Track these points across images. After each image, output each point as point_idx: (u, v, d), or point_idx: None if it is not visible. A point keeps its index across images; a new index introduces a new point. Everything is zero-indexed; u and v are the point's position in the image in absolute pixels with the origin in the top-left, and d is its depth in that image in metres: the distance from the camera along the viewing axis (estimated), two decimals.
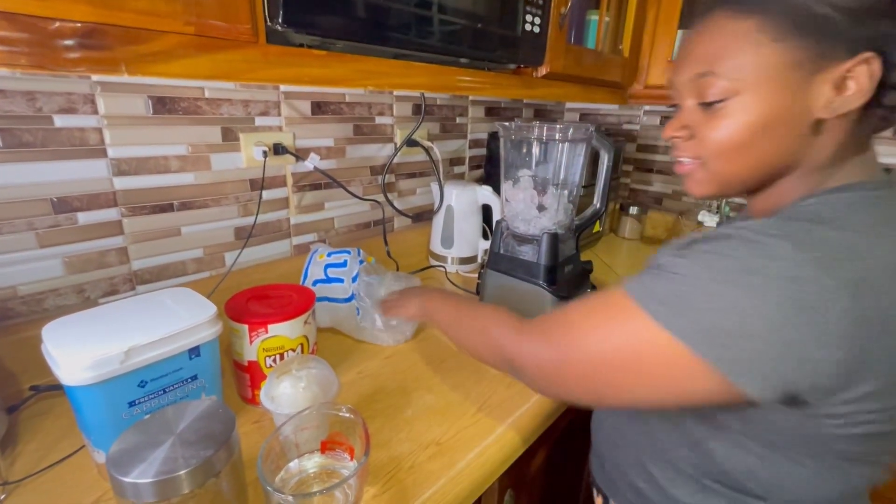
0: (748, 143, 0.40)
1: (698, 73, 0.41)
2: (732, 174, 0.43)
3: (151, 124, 0.69)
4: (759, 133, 0.39)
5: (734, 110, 0.40)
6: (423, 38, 0.59)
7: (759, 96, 0.38)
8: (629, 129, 1.46)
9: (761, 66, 0.38)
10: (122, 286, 0.71)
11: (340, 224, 1.00)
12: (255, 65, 0.44)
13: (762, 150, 0.40)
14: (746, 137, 0.40)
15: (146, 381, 0.47)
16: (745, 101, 0.39)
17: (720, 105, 0.40)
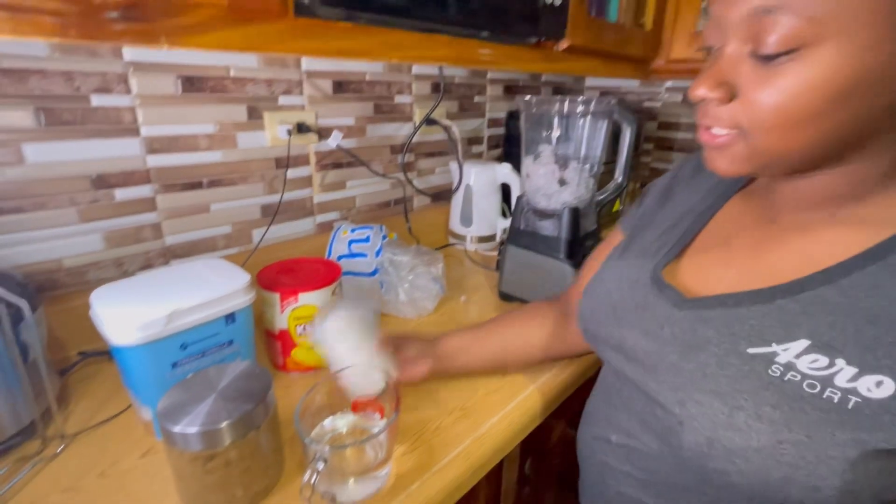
0: (818, 113, 0.29)
1: (763, 7, 0.29)
2: (782, 153, 0.32)
3: (181, 103, 0.71)
4: (837, 101, 0.28)
5: (806, 66, 0.28)
6: (445, 11, 0.60)
7: (848, 48, 0.27)
8: (650, 106, 1.43)
9: (860, 4, 0.26)
10: (156, 260, 0.74)
11: (362, 203, 1.01)
12: (284, 36, 0.45)
13: (833, 122, 0.29)
14: (818, 106, 0.29)
15: (187, 344, 0.50)
16: (824, 55, 0.27)
17: (786, 57, 0.29)
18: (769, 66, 0.30)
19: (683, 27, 1.10)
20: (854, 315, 0.30)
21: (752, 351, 0.32)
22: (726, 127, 0.33)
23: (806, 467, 0.29)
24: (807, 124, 0.30)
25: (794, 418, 0.29)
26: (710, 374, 0.34)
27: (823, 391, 0.29)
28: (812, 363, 0.30)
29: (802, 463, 0.29)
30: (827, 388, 0.29)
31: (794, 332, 0.31)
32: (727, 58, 0.32)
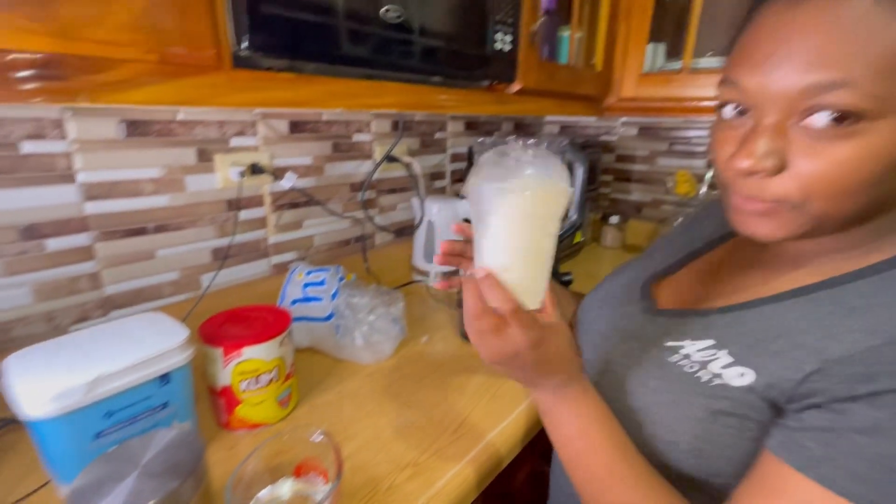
0: (872, 183, 0.30)
1: (823, 83, 0.28)
2: (834, 218, 0.32)
3: (124, 148, 0.68)
4: (891, 171, 0.29)
5: (864, 140, 0.29)
6: (394, 59, 0.60)
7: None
8: (607, 139, 1.49)
9: None
10: (94, 312, 0.70)
11: (320, 242, 0.99)
12: (221, 90, 0.44)
13: (884, 189, 0.31)
14: (874, 177, 0.29)
15: (113, 411, 0.46)
16: (882, 129, 0.28)
17: (845, 130, 0.29)
18: (822, 139, 0.30)
19: (632, 68, 1.16)
20: (757, 328, 0.38)
21: (668, 343, 0.42)
22: (772, 199, 0.33)
23: (669, 424, 0.39)
24: (861, 192, 0.31)
25: (668, 388, 0.40)
26: (630, 353, 0.44)
27: (697, 372, 0.39)
28: (704, 355, 0.39)
29: (666, 421, 0.39)
30: (701, 370, 0.39)
31: (708, 335, 0.40)
32: (772, 128, 0.32)
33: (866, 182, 0.30)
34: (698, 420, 0.37)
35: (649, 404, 0.41)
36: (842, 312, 0.34)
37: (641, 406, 0.41)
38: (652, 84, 1.14)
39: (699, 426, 0.38)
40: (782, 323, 0.37)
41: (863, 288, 0.35)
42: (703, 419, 0.37)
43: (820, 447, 0.30)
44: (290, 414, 0.63)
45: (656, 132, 1.39)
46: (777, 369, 0.35)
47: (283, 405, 0.62)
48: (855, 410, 0.30)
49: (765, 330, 0.37)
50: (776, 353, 0.35)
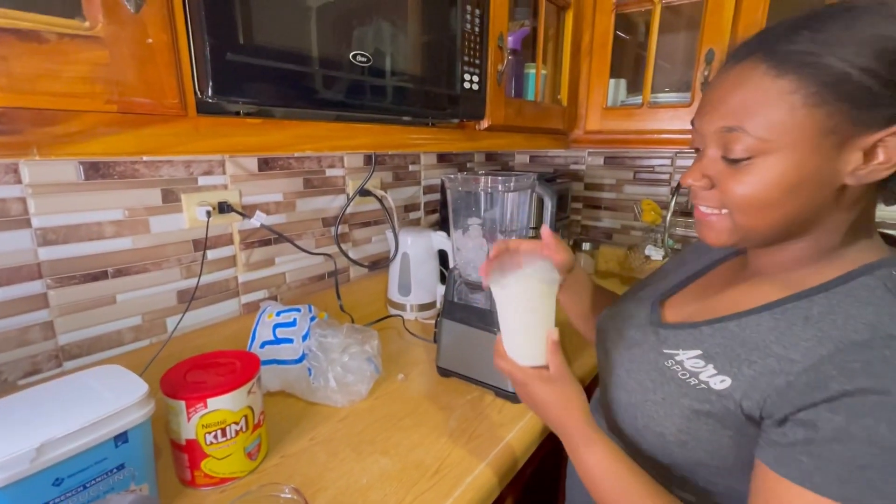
0: (774, 202, 0.40)
1: (727, 127, 0.40)
2: (755, 229, 0.42)
3: (83, 190, 0.66)
4: (786, 194, 0.39)
5: (761, 169, 0.39)
6: (364, 100, 0.61)
7: (789, 159, 0.38)
8: (576, 169, 1.53)
9: (794, 129, 0.37)
10: (46, 364, 0.66)
11: (292, 279, 0.97)
12: (184, 138, 0.44)
13: (787, 209, 0.40)
14: (773, 197, 0.39)
15: (62, 479, 0.43)
16: (773, 162, 0.38)
17: (747, 162, 0.40)
18: (736, 167, 0.41)
19: (595, 102, 1.21)
20: (736, 340, 0.43)
21: (665, 350, 0.48)
22: (714, 207, 0.44)
23: (658, 419, 0.46)
24: (769, 209, 0.40)
25: (661, 388, 0.46)
26: (634, 358, 0.51)
27: (689, 378, 0.45)
28: (694, 364, 0.45)
29: (656, 416, 0.46)
30: (692, 378, 0.44)
31: (696, 346, 0.46)
32: (708, 158, 0.43)
33: (768, 202, 0.40)
34: (684, 417, 0.44)
35: (644, 401, 0.48)
36: (801, 324, 0.40)
37: (637, 402, 0.48)
38: (615, 118, 1.19)
39: (684, 422, 0.44)
40: (756, 334, 0.42)
41: (819, 300, 0.41)
42: (687, 416, 0.44)
43: (810, 459, 0.35)
44: (260, 465, 0.60)
45: (622, 161, 1.44)
46: (752, 376, 0.41)
47: (251, 457, 0.59)
48: (821, 418, 0.35)
49: (742, 341, 0.43)
50: (751, 363, 0.41)
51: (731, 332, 0.45)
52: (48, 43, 0.35)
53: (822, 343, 0.38)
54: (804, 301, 0.41)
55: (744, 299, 0.47)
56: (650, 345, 0.50)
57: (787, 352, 0.39)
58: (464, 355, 0.80)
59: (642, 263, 1.40)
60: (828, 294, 0.41)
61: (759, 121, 0.38)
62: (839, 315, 0.39)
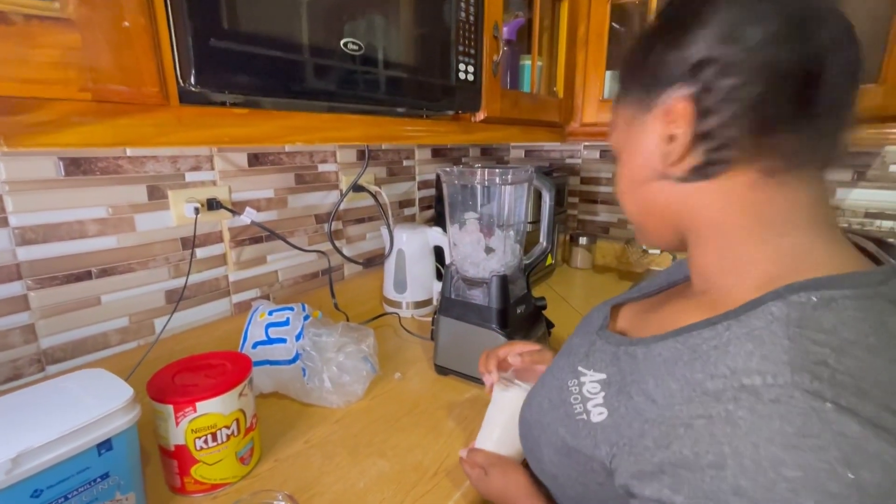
0: (624, 194, 0.42)
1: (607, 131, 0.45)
2: (635, 225, 0.43)
3: (63, 187, 0.63)
4: (628, 184, 0.41)
5: (619, 166, 0.42)
6: (356, 91, 0.59)
7: (621, 149, 0.41)
8: (572, 163, 1.52)
9: (619, 123, 0.40)
10: (27, 368, 0.63)
11: (285, 277, 0.95)
12: (166, 129, 0.41)
13: (638, 202, 0.41)
14: (622, 189, 0.42)
15: (41, 490, 0.40)
16: (621, 161, 0.42)
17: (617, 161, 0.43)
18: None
19: (592, 94, 1.19)
20: (634, 368, 0.37)
21: (579, 368, 0.43)
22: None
23: (541, 443, 0.43)
24: (625, 202, 0.42)
25: (551, 411, 0.43)
26: (553, 371, 0.47)
27: (575, 405, 0.40)
28: (591, 389, 0.40)
29: (540, 439, 0.43)
30: (579, 404, 0.40)
31: (605, 369, 0.40)
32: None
33: (620, 191, 0.42)
34: (556, 449, 0.41)
35: (535, 421, 0.45)
36: (686, 358, 0.33)
37: (531, 420, 0.46)
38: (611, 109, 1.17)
39: (556, 455, 0.41)
40: (650, 365, 0.36)
41: (719, 330, 0.32)
42: (559, 449, 0.40)
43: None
44: (253, 470, 0.58)
45: None
46: (624, 414, 0.35)
47: (244, 461, 0.57)
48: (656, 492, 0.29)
49: (638, 371, 0.37)
50: (629, 398, 0.35)
51: (636, 358, 0.38)
52: (15, 25, 0.32)
53: (684, 387, 0.31)
54: (707, 330, 0.33)
55: (670, 319, 0.40)
56: (577, 357, 0.45)
57: (656, 391, 0.33)
58: (462, 353, 0.78)
59: (640, 257, 1.39)
60: (730, 322, 0.32)
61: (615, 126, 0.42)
62: (718, 350, 0.31)
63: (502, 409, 0.56)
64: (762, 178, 0.33)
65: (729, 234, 0.35)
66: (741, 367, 0.29)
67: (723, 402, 0.28)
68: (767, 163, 0.33)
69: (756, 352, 0.29)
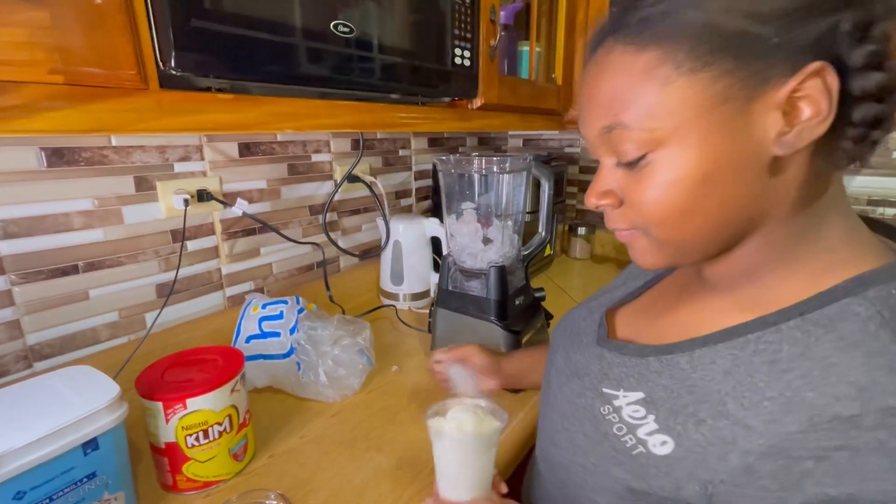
0: (689, 204, 0.31)
1: (605, 127, 0.32)
2: (681, 241, 0.33)
3: (46, 178, 0.61)
4: (700, 188, 0.30)
5: (662, 167, 0.31)
6: (347, 76, 0.57)
7: (688, 144, 0.30)
8: (571, 151, 1.50)
9: (679, 107, 0.29)
10: (14, 365, 0.61)
11: (279, 269, 0.93)
12: (146, 114, 0.39)
13: (710, 209, 0.31)
14: (685, 197, 0.31)
15: (24, 492, 0.39)
16: (672, 154, 0.30)
17: (643, 162, 0.31)
18: (635, 171, 0.32)
19: None
20: (685, 382, 0.33)
21: (604, 390, 0.38)
22: (626, 227, 0.35)
23: (588, 489, 0.36)
24: (689, 214, 0.31)
25: (592, 449, 0.36)
26: (568, 398, 0.41)
27: (625, 436, 0.34)
28: (633, 412, 0.35)
29: (585, 485, 0.37)
30: (629, 434, 0.34)
31: (640, 386, 0.36)
32: (605, 169, 0.35)
33: (684, 202, 0.31)
34: (616, 494, 0.34)
35: (573, 463, 0.38)
36: (765, 370, 0.30)
37: (567, 463, 0.39)
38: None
39: (618, 501, 0.34)
40: (709, 377, 0.32)
41: (790, 334, 0.30)
42: (621, 495, 0.33)
43: None
44: (247, 467, 0.57)
45: None
46: (699, 443, 0.30)
47: (237, 458, 0.55)
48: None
49: (692, 385, 0.33)
50: (699, 422, 0.31)
51: (681, 370, 0.34)
52: None
53: (790, 409, 0.27)
54: (771, 331, 0.30)
55: (695, 320, 0.37)
56: (592, 378, 0.40)
57: (746, 414, 0.29)
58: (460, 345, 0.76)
59: None
60: (802, 322, 0.29)
61: (635, 109, 0.30)
62: (816, 362, 0.28)
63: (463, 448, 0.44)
64: (830, 169, 0.31)
65: (795, 222, 0.32)
66: (869, 383, 0.25)
67: (865, 429, 0.25)
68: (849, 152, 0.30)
69: (874, 363, 0.26)
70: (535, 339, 0.78)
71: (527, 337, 0.75)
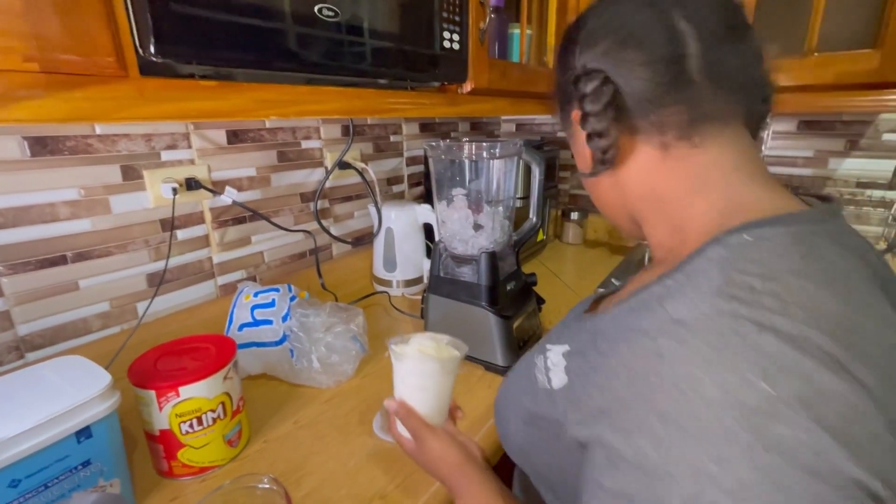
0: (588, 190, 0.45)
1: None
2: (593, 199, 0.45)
3: (30, 168, 0.60)
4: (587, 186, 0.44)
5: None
6: (334, 61, 0.56)
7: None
8: (563, 136, 1.48)
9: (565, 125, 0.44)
10: (6, 356, 0.62)
11: (271, 258, 0.93)
12: (126, 102, 0.39)
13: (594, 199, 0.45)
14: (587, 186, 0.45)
15: (19, 480, 0.39)
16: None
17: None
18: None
19: None
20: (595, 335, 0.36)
21: (546, 345, 0.42)
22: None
23: (505, 419, 0.44)
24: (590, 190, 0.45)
25: (515, 385, 0.44)
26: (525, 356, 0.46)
27: (539, 377, 0.40)
28: (555, 360, 0.39)
29: (503, 415, 0.44)
30: (542, 375, 0.40)
31: (568, 340, 0.40)
32: None
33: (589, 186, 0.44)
34: (521, 420, 0.41)
35: (500, 402, 0.46)
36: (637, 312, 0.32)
37: (498, 400, 0.47)
38: None
39: (522, 426, 0.41)
40: (607, 327, 0.35)
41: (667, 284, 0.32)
42: (524, 419, 0.40)
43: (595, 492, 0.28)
44: (241, 452, 0.58)
45: None
46: (578, 374, 0.35)
47: (232, 444, 0.56)
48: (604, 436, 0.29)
49: (598, 335, 0.36)
50: (585, 359, 0.35)
51: (596, 325, 0.37)
52: None
53: (625, 333, 0.31)
54: (657, 285, 0.32)
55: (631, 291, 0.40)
56: (546, 340, 0.44)
57: (606, 346, 0.33)
58: (452, 331, 0.77)
59: None
60: (675, 274, 0.31)
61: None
62: (663, 300, 0.30)
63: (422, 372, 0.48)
64: (667, 149, 0.36)
65: (663, 203, 0.37)
66: (675, 307, 0.29)
67: (652, 336, 0.29)
68: (665, 136, 0.36)
69: (689, 291, 0.29)
70: (527, 324, 0.79)
71: (518, 322, 0.76)
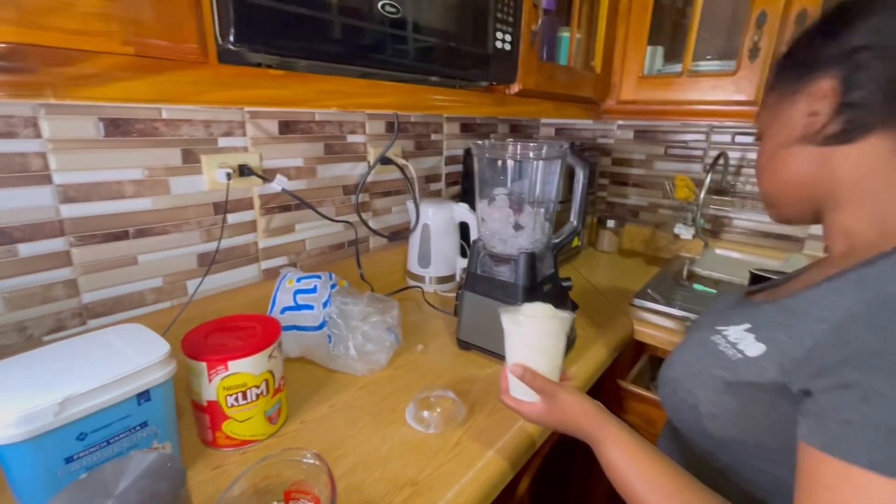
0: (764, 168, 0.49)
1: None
2: (765, 195, 0.50)
3: (103, 147, 0.65)
4: (768, 160, 0.48)
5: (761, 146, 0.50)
6: (391, 57, 0.57)
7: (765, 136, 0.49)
8: (604, 143, 1.47)
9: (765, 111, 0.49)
10: (70, 321, 0.66)
11: (312, 246, 0.96)
12: (204, 87, 0.41)
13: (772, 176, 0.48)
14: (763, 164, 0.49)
15: (86, 434, 0.42)
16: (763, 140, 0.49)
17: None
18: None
19: (631, 70, 1.14)
20: (787, 311, 0.42)
21: (717, 327, 0.48)
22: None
23: (692, 391, 0.46)
24: (763, 171, 0.50)
25: (698, 362, 0.47)
26: (689, 339, 0.52)
27: (726, 351, 0.45)
28: (737, 336, 0.45)
29: (691, 387, 0.46)
30: (730, 349, 0.44)
31: (748, 320, 0.46)
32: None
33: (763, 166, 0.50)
34: (714, 388, 0.44)
35: (683, 375, 0.48)
36: (852, 285, 0.39)
37: (678, 377, 0.49)
38: (652, 87, 1.12)
39: (713, 393, 0.44)
40: (808, 305, 0.41)
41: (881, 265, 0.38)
42: (717, 388, 0.44)
43: (838, 426, 0.32)
44: (280, 430, 0.60)
45: (653, 136, 1.37)
46: (785, 342, 0.40)
47: (272, 421, 0.58)
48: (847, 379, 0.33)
49: (792, 311, 0.42)
50: (788, 328, 0.40)
51: (785, 305, 0.43)
52: None
53: (858, 301, 0.36)
54: (867, 267, 0.39)
55: (810, 279, 0.46)
56: (710, 325, 0.50)
57: (825, 313, 0.38)
58: (485, 328, 0.78)
59: (670, 243, 1.36)
60: (892, 257, 0.38)
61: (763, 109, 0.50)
62: (890, 273, 0.37)
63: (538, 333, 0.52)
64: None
65: (874, 193, 0.42)
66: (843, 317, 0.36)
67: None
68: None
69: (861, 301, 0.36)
70: None
71: None
